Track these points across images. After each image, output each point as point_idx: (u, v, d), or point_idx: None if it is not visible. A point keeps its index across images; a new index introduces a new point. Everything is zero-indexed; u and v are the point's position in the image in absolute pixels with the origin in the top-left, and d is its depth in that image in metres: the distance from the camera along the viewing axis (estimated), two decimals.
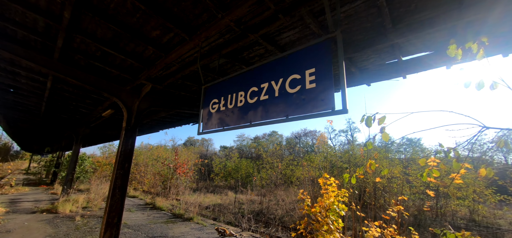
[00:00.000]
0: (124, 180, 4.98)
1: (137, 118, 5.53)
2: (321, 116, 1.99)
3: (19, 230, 5.66)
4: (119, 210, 4.80)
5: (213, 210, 10.71)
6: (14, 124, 13.37)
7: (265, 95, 2.40)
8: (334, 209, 5.26)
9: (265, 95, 2.40)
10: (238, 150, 50.51)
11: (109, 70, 5.08)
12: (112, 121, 10.60)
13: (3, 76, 6.48)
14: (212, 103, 3.02)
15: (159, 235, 5.97)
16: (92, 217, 7.45)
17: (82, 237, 5.36)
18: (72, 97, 7.65)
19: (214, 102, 2.99)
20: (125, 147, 5.17)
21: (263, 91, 2.42)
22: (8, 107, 9.77)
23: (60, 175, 15.72)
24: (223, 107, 2.83)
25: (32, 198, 10.50)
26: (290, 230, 7.22)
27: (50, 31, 3.92)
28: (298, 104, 2.12)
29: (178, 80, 5.48)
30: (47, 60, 4.55)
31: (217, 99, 2.96)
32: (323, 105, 1.97)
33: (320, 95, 2.01)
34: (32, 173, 25.82)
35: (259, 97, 2.45)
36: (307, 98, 2.08)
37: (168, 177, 14.97)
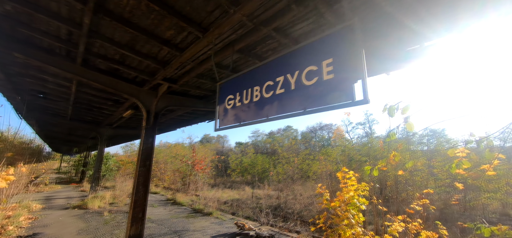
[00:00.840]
0: (146, 177, 5.19)
1: (156, 117, 5.71)
2: (341, 108, 1.92)
3: (54, 224, 6.13)
4: (143, 205, 5.02)
5: (231, 205, 10.90)
6: (45, 127, 14.38)
7: (281, 89, 2.36)
8: (355, 203, 5.13)
9: (281, 89, 2.36)
10: (254, 145, 50.76)
11: (128, 72, 5.26)
12: (132, 120, 11.04)
13: (33, 83, 6.95)
14: (228, 100, 3.02)
15: (181, 229, 6.17)
16: (118, 212, 7.88)
17: (110, 231, 5.69)
18: (95, 100, 8.05)
19: (230, 98, 3.00)
20: (146, 145, 5.36)
21: (278, 85, 2.38)
22: (39, 111, 10.51)
23: (87, 173, 16.76)
24: (239, 103, 2.83)
25: (64, 195, 11.31)
26: (308, 224, 7.16)
27: (72, 38, 4.12)
28: (315, 97, 2.06)
29: (192, 79, 5.57)
30: (71, 65, 4.80)
31: (233, 95, 2.96)
32: (342, 96, 1.90)
33: (339, 86, 1.93)
34: (63, 172, 27.78)
35: (275, 91, 2.41)
36: (325, 90, 2.02)
37: (187, 174, 15.42)
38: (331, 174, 18.15)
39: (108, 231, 5.69)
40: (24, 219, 6.22)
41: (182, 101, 6.51)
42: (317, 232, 6.85)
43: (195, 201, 10.51)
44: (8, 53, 4.72)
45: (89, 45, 4.30)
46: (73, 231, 5.66)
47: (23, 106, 9.43)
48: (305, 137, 48.75)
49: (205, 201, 9.64)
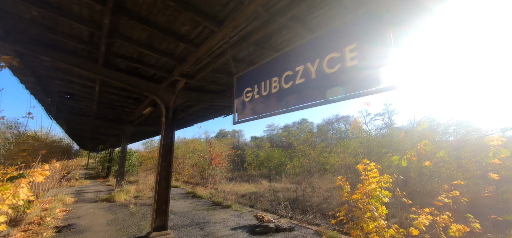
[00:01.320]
0: (168, 171, 5.36)
1: (175, 113, 5.84)
2: (366, 95, 1.82)
3: (86, 216, 6.57)
4: (166, 198, 5.20)
5: (249, 198, 11.02)
6: (72, 126, 15.32)
7: (301, 79, 2.29)
8: (377, 196, 4.96)
9: (301, 79, 2.29)
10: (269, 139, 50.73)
11: (146, 70, 5.40)
12: (151, 118, 11.43)
13: (61, 85, 7.38)
14: (246, 92, 3.00)
15: (202, 221, 6.34)
16: (143, 205, 8.27)
17: (136, 222, 5.98)
18: (117, 99, 8.41)
19: (248, 91, 2.97)
20: (166, 140, 5.52)
21: (298, 75, 2.31)
22: (67, 112, 11.19)
23: (113, 169, 17.71)
24: (257, 95, 2.79)
25: (92, 189, 12.07)
26: (328, 217, 7.06)
27: (94, 39, 4.28)
28: (338, 85, 1.97)
29: (208, 74, 5.60)
30: (93, 66, 5.02)
31: (251, 87, 2.93)
32: (367, 83, 1.80)
33: (364, 72, 1.83)
34: (90, 168, 29.64)
35: (294, 81, 2.34)
36: (348, 77, 1.92)
37: (205, 168, 15.79)
38: (350, 167, 17.72)
39: (135, 223, 5.99)
40: (59, 211, 6.73)
41: (199, 96, 6.60)
42: (338, 224, 6.74)
43: (214, 194, 10.74)
44: (36, 57, 5.03)
45: (109, 45, 4.45)
46: (103, 222, 6.02)
47: (52, 107, 10.09)
48: (321, 130, 47.81)
49: (223, 194, 9.83)
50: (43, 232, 4.89)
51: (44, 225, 5.40)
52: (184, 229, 5.69)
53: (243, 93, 3.06)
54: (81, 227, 5.55)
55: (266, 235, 5.51)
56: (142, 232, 5.33)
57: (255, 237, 5.35)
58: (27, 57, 5.24)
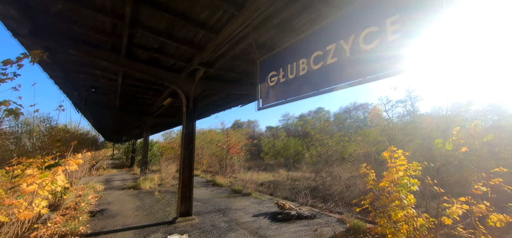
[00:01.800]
0: (190, 159, 5.46)
1: (195, 102, 5.88)
2: (411, 72, 1.64)
3: (116, 202, 6.96)
4: (189, 186, 5.33)
5: (268, 187, 11.08)
6: (98, 119, 16.14)
7: (332, 58, 2.14)
8: (405, 184, 4.72)
9: (333, 58, 2.13)
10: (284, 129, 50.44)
11: (166, 60, 5.44)
12: (171, 109, 11.70)
13: (86, 79, 7.70)
14: (270, 77, 2.89)
15: (224, 208, 6.47)
16: (166, 192, 8.60)
17: (162, 208, 6.23)
18: (138, 91, 8.65)
19: (272, 75, 2.86)
20: (187, 129, 5.60)
21: (330, 54, 2.15)
22: (93, 105, 11.77)
23: (136, 158, 18.58)
24: (283, 78, 2.67)
25: (119, 178, 12.77)
26: (350, 205, 6.90)
27: (116, 30, 4.34)
28: (377, 62, 1.80)
29: (227, 62, 5.53)
30: (116, 57, 5.13)
31: (275, 71, 2.81)
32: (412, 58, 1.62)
33: (408, 48, 1.65)
34: (116, 158, 31.40)
35: (325, 62, 2.20)
36: (389, 53, 1.75)
37: (223, 157, 16.07)
38: (369, 155, 17.15)
39: (161, 208, 6.24)
40: (92, 197, 7.19)
41: (217, 85, 6.58)
42: (361, 213, 6.57)
43: (233, 182, 10.92)
44: (64, 51, 5.23)
45: (131, 37, 4.50)
46: (132, 207, 6.34)
47: (80, 101, 10.64)
48: (338, 118, 46.56)
49: (243, 183, 9.95)
50: (79, 216, 5.25)
51: (80, 209, 5.79)
52: (208, 215, 5.83)
53: (267, 78, 2.96)
54: (113, 212, 5.88)
55: (288, 222, 5.49)
56: (168, 217, 5.54)
57: (277, 224, 5.36)
58: (56, 53, 5.47)
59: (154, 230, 4.73)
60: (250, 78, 6.75)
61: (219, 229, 4.86)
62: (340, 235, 4.81)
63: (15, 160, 3.24)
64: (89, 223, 5.02)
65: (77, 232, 4.36)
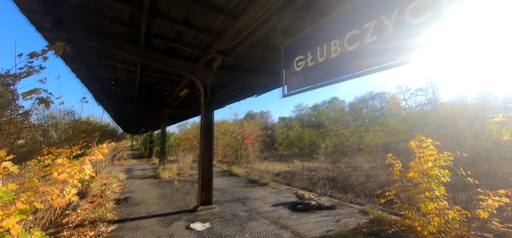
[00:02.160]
0: (209, 149, 5.46)
1: (212, 92, 5.83)
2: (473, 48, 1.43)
3: (138, 190, 7.20)
4: (209, 175, 5.35)
5: (284, 177, 11.04)
6: (117, 111, 16.69)
7: (372, 37, 1.94)
8: (435, 175, 4.45)
9: (372, 36, 1.93)
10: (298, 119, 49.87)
11: (184, 49, 5.39)
12: (187, 100, 11.81)
13: (106, 71, 7.87)
14: (297, 61, 2.73)
15: (243, 197, 6.48)
16: (185, 181, 8.79)
17: (183, 197, 6.36)
18: (156, 82, 8.74)
19: (299, 59, 2.69)
20: (206, 120, 5.58)
21: (368, 32, 1.96)
22: (113, 97, 12.13)
23: (154, 149, 19.15)
24: (312, 62, 2.50)
25: (139, 168, 13.23)
26: (371, 196, 6.68)
27: (134, 20, 4.31)
28: (429, 37, 1.60)
29: (244, 50, 5.39)
30: (135, 48, 5.15)
31: (303, 55, 2.64)
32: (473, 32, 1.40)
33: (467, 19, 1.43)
34: (135, 149, 32.65)
35: (362, 41, 2.00)
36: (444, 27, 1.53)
37: (237, 148, 16.17)
38: (388, 146, 16.54)
39: (181, 197, 6.37)
40: (116, 185, 7.49)
41: (234, 75, 6.48)
42: (384, 204, 6.35)
43: (249, 172, 10.97)
44: (85, 44, 5.32)
45: (149, 26, 4.46)
46: (154, 196, 6.53)
47: (100, 94, 10.98)
48: (354, 108, 45.18)
49: (259, 173, 9.95)
50: (105, 203, 5.46)
51: (105, 197, 6.03)
52: (227, 204, 5.87)
53: (292, 63, 2.79)
54: (136, 200, 6.08)
55: (309, 212, 5.41)
56: (189, 205, 5.64)
57: (297, 213, 5.28)
58: (77, 46, 5.59)
59: (177, 217, 4.82)
60: (267, 67, 6.57)
61: (240, 218, 4.86)
62: (364, 226, 4.66)
63: (45, 149, 3.35)
64: (115, 210, 5.21)
65: (105, 219, 4.53)
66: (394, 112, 32.66)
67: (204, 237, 3.94)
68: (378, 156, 15.48)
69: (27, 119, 5.53)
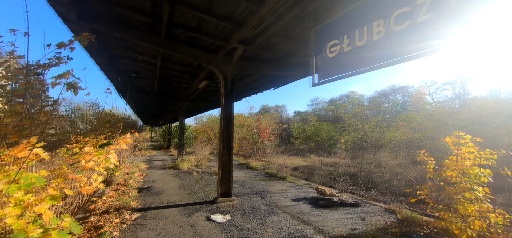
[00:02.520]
0: (229, 141, 5.39)
1: (232, 83, 5.72)
2: None
3: (159, 180, 7.37)
4: (229, 167, 5.29)
5: (302, 172, 10.81)
6: (138, 103, 17.24)
7: (425, 14, 1.68)
8: (476, 174, 4.05)
9: (427, 14, 1.67)
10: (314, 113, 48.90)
11: (204, 39, 5.29)
12: (205, 93, 11.85)
13: (128, 64, 8.03)
14: (330, 47, 2.50)
15: (261, 191, 6.40)
16: (203, 173, 8.88)
17: (202, 188, 6.40)
18: (175, 74, 8.81)
19: (333, 44, 2.46)
20: (226, 112, 5.49)
21: (423, 8, 1.69)
22: (133, 90, 12.48)
23: (172, 141, 19.64)
24: (349, 47, 2.27)
25: (159, 158, 13.62)
26: (399, 195, 6.30)
27: (156, 9, 4.26)
28: None
29: (265, 40, 5.19)
30: (156, 39, 5.13)
31: (337, 39, 2.41)
32: None
33: None
34: (154, 140, 33.83)
35: (414, 19, 1.74)
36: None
37: (254, 141, 16.11)
38: (412, 142, 15.63)
39: (200, 188, 6.41)
40: (138, 175, 7.72)
41: (253, 66, 6.31)
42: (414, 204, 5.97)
43: (266, 166, 10.87)
44: (108, 35, 5.40)
45: (170, 15, 4.39)
46: (174, 186, 6.64)
47: (122, 86, 11.31)
48: (374, 102, 43.26)
49: (277, 167, 9.81)
50: (129, 192, 5.62)
51: (128, 186, 6.22)
52: (246, 197, 5.80)
53: (325, 48, 2.57)
54: (157, 190, 6.20)
55: (331, 209, 5.19)
56: (208, 197, 5.64)
57: (319, 209, 5.09)
58: (101, 37, 5.69)
59: (197, 208, 4.82)
60: (287, 58, 6.33)
61: (260, 212, 4.77)
62: (392, 225, 4.37)
63: (74, 138, 3.43)
64: (138, 198, 5.33)
65: (129, 206, 4.64)
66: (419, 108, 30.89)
67: (225, 229, 3.89)
68: (400, 153, 14.72)
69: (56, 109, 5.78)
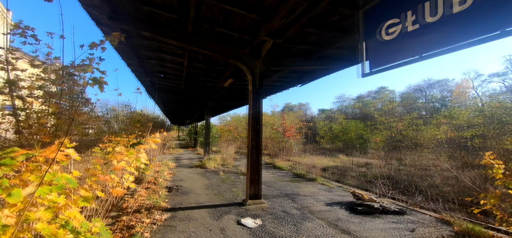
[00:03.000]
0: (258, 141, 5.12)
1: (260, 80, 5.43)
2: None
3: (187, 179, 7.39)
4: (257, 168, 5.03)
5: (332, 173, 10.19)
6: (166, 103, 17.88)
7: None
8: None
9: None
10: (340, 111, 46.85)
11: (231, 34, 5.08)
12: (230, 92, 11.78)
13: (156, 64, 8.19)
14: (386, 28, 2.07)
15: (291, 193, 6.05)
16: (230, 172, 8.76)
17: (229, 189, 6.24)
18: (201, 73, 8.79)
19: (391, 24, 2.03)
20: (254, 109, 5.23)
21: None
22: (161, 90, 12.87)
23: (198, 140, 20.07)
24: (414, 25, 1.83)
25: (186, 157, 13.92)
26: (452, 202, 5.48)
27: (183, 3, 4.13)
28: None
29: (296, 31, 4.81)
30: (183, 36, 5.03)
31: (397, 18, 1.97)
32: None
33: None
34: (181, 139, 35.13)
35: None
36: None
37: (279, 141, 15.73)
38: (454, 142, 13.93)
39: (228, 189, 6.25)
40: (167, 174, 7.85)
41: (282, 61, 5.94)
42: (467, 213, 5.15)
43: (293, 166, 10.45)
44: (137, 35, 5.44)
45: (197, 10, 4.23)
46: (202, 185, 6.58)
47: (151, 87, 11.71)
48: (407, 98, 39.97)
49: (306, 168, 9.35)
50: (158, 191, 5.65)
51: (158, 184, 6.29)
52: (275, 199, 5.49)
53: (379, 30, 2.14)
54: (186, 189, 6.18)
55: (372, 216, 4.65)
56: (237, 198, 5.44)
57: (358, 217, 4.59)
58: (130, 38, 5.79)
59: (226, 210, 4.63)
60: (319, 50, 5.86)
61: (292, 217, 4.42)
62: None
63: (106, 138, 3.42)
64: (167, 198, 5.32)
65: (159, 206, 4.61)
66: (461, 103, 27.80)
67: (257, 235, 3.62)
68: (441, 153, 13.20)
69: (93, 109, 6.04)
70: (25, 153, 1.66)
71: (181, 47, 6.08)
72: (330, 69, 7.25)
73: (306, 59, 6.27)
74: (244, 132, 21.93)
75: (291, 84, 10.60)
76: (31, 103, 2.97)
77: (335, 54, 6.24)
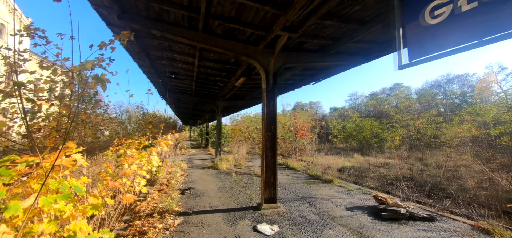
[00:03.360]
0: (273, 142, 4.87)
1: (274, 77, 5.18)
2: None
3: (200, 181, 7.25)
4: (273, 170, 4.78)
5: (349, 174, 9.75)
6: (177, 104, 17.97)
7: None
8: None
9: None
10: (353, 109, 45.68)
11: (243, 31, 4.86)
12: (241, 91, 11.59)
13: (167, 64, 8.10)
14: (431, 10, 1.76)
15: (307, 196, 5.75)
16: (242, 173, 8.57)
17: (243, 191, 6.04)
18: (211, 73, 8.64)
19: (437, 5, 1.72)
20: (268, 108, 4.98)
21: None
22: (172, 91, 12.88)
23: (210, 140, 20.07)
24: (469, 4, 1.51)
25: (198, 158, 13.88)
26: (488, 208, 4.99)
27: (193, 1, 3.96)
28: None
29: (313, 25, 4.51)
30: (194, 34, 4.86)
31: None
32: None
33: None
34: (193, 139, 35.47)
35: None
36: None
37: (291, 140, 15.38)
38: (478, 140, 13.01)
39: (241, 191, 6.05)
40: (179, 175, 7.76)
41: (297, 57, 5.66)
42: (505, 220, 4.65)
43: (307, 167, 10.11)
44: (147, 34, 5.33)
45: (208, 5, 4.04)
46: (215, 188, 6.41)
47: (163, 88, 11.73)
48: (424, 95, 38.18)
49: (321, 169, 8.99)
50: (171, 193, 5.53)
51: (171, 186, 6.19)
52: (292, 203, 5.22)
53: (422, 13, 1.83)
54: (198, 192, 6.03)
55: (398, 223, 4.28)
56: (251, 202, 5.22)
57: (384, 223, 4.23)
58: (141, 39, 5.71)
59: (241, 215, 4.42)
60: (336, 45, 5.51)
61: (311, 223, 4.14)
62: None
63: (116, 140, 3.29)
64: (180, 201, 5.18)
65: (172, 210, 4.48)
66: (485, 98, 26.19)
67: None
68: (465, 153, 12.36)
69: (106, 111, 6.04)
70: (25, 160, 1.51)
71: (192, 46, 5.94)
72: (346, 65, 6.86)
73: (322, 55, 5.94)
74: (255, 132, 21.71)
75: (304, 82, 10.26)
76: (40, 106, 2.88)
77: (352, 48, 5.87)
